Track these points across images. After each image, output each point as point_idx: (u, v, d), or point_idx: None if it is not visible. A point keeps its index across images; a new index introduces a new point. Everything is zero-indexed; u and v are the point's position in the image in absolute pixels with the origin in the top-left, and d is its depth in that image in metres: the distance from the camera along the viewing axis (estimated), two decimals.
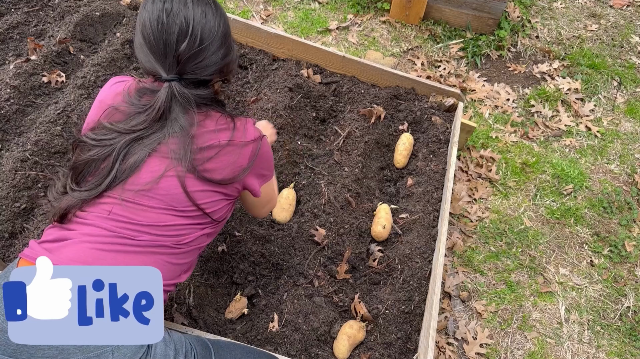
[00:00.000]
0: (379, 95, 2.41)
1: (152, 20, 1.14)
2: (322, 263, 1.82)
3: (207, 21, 1.16)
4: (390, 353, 1.66)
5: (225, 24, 1.22)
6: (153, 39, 1.14)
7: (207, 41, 1.16)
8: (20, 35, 2.43)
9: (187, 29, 1.13)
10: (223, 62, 1.22)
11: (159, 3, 1.15)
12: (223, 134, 1.20)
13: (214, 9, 1.20)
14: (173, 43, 1.13)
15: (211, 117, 1.21)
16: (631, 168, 2.62)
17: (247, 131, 1.25)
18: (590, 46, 3.22)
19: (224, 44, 1.21)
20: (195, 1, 1.17)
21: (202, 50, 1.15)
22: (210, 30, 1.16)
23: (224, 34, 1.21)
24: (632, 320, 2.08)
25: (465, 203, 2.37)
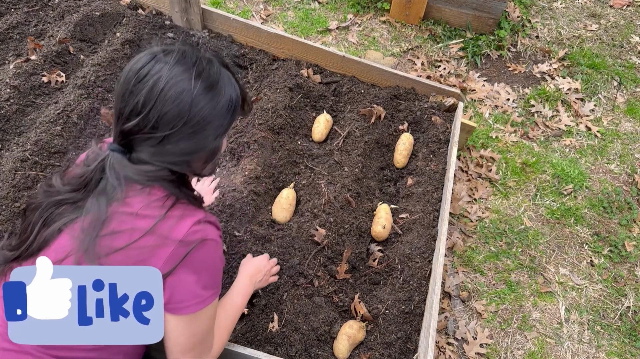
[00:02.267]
0: (379, 95, 2.41)
1: (124, 77, 1.01)
2: (322, 263, 1.82)
3: (182, 103, 0.98)
4: (390, 353, 1.66)
5: (217, 111, 1.04)
6: (116, 98, 1.02)
7: (165, 130, 0.98)
8: (20, 35, 2.43)
9: (141, 108, 0.97)
10: (186, 157, 1.03)
11: (143, 59, 1.02)
12: (143, 221, 0.98)
13: (211, 92, 1.02)
14: (123, 116, 1.00)
15: (150, 195, 1.01)
16: (631, 168, 2.62)
17: (177, 226, 1.00)
18: (590, 46, 3.21)
19: (197, 135, 1.02)
20: (190, 74, 1.00)
21: (154, 138, 0.99)
22: (179, 116, 0.98)
23: (204, 123, 1.02)
24: (632, 320, 2.08)
25: (465, 203, 2.37)
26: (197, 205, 1.10)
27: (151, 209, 1.00)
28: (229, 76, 1.10)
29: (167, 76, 0.98)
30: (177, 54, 1.02)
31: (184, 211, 1.03)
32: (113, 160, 1.00)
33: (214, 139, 1.06)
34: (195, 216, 1.04)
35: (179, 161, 1.03)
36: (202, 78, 1.01)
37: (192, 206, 1.07)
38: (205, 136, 1.03)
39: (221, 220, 1.85)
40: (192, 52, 1.05)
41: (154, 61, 1.00)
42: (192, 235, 1.01)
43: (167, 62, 1.00)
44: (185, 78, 0.99)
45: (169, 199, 1.03)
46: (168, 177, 1.03)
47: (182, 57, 1.02)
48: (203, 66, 1.03)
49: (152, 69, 0.99)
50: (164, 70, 0.99)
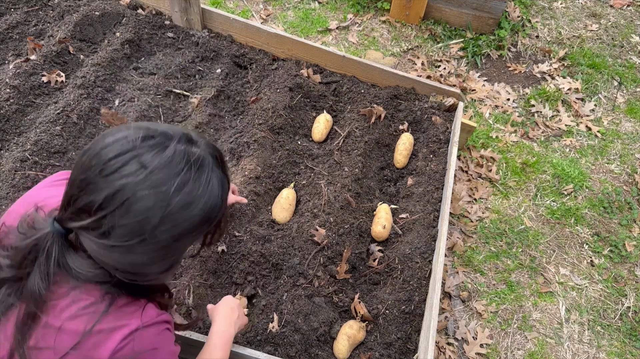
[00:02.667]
0: (379, 95, 2.41)
1: (87, 158, 0.82)
2: (322, 263, 1.81)
3: (146, 221, 0.80)
4: (390, 353, 1.66)
5: (187, 230, 0.86)
6: (72, 175, 0.84)
7: (117, 241, 0.81)
8: (19, 35, 2.42)
9: (95, 210, 0.79)
10: (136, 269, 0.86)
11: (117, 146, 0.81)
12: (67, 338, 0.84)
13: (187, 210, 0.84)
14: (71, 208, 0.82)
15: (82, 296, 0.86)
16: (631, 168, 2.62)
17: (104, 342, 0.85)
18: (591, 46, 3.21)
19: (155, 253, 0.85)
20: (169, 186, 0.81)
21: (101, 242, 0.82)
22: (137, 233, 0.81)
23: (167, 243, 0.84)
24: (633, 320, 2.08)
25: (466, 203, 2.37)
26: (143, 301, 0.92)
27: (78, 321, 0.85)
28: (218, 183, 0.90)
29: (139, 184, 0.79)
30: (162, 158, 0.82)
31: (116, 319, 0.87)
32: (49, 244, 0.83)
33: (175, 255, 0.89)
34: (127, 326, 0.87)
35: (126, 271, 0.85)
36: (182, 192, 0.82)
37: (132, 306, 0.90)
38: (165, 253, 0.86)
39: None
40: (184, 152, 0.84)
41: (129, 155, 0.80)
42: (121, 352, 0.86)
43: (146, 164, 0.80)
44: (161, 192, 0.80)
45: (103, 302, 0.86)
46: (105, 280, 0.87)
47: (167, 162, 0.82)
48: (190, 176, 0.83)
49: (123, 167, 0.79)
50: (138, 175, 0.79)
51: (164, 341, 0.94)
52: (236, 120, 2.32)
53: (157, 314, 0.94)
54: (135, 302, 0.92)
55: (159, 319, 0.94)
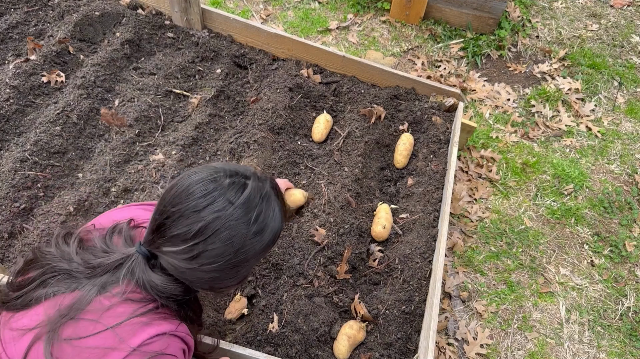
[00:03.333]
0: (379, 95, 2.41)
1: (179, 194, 0.97)
2: (322, 263, 1.81)
3: (231, 245, 0.97)
4: (391, 354, 1.66)
5: (260, 251, 1.03)
6: (160, 207, 0.99)
7: (204, 262, 0.97)
8: (19, 35, 2.42)
9: (190, 238, 0.95)
10: (212, 284, 1.03)
11: (206, 186, 0.97)
12: (110, 318, 0.96)
13: (260, 235, 1.01)
14: (165, 235, 0.97)
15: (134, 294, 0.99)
16: (632, 168, 2.62)
17: (138, 332, 0.96)
18: (591, 46, 3.21)
19: (232, 269, 1.01)
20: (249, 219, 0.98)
21: (189, 262, 0.97)
22: (223, 255, 0.98)
23: (244, 261, 1.02)
24: (633, 320, 2.08)
25: (466, 203, 2.37)
26: (178, 318, 1.06)
27: (127, 306, 0.97)
28: (279, 209, 1.08)
29: (227, 218, 0.96)
30: (244, 195, 0.99)
31: (154, 318, 1.00)
32: (135, 264, 0.99)
33: (247, 270, 1.06)
34: (163, 326, 1.00)
35: (203, 284, 1.02)
36: (258, 222, 1.00)
37: (169, 316, 1.03)
38: (239, 270, 1.03)
39: None
40: (257, 188, 1.02)
41: (217, 193, 0.97)
42: (149, 346, 0.97)
43: (232, 201, 0.97)
44: (243, 223, 0.98)
45: (150, 303, 1.00)
46: (180, 296, 1.02)
47: (247, 199, 0.99)
48: (262, 209, 1.01)
49: (214, 203, 0.96)
50: (227, 210, 0.96)
51: (181, 357, 1.05)
52: (236, 120, 2.32)
53: (187, 332, 1.07)
54: (174, 317, 1.05)
55: (186, 338, 1.06)
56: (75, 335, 0.93)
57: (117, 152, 2.06)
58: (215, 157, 2.15)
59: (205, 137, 2.20)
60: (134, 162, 2.06)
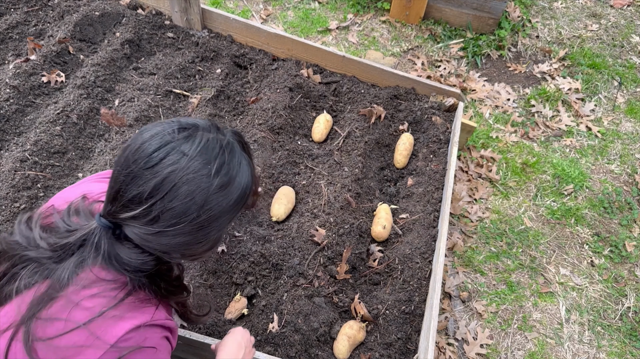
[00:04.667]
0: (379, 95, 2.41)
1: (130, 155, 0.90)
2: (322, 263, 1.81)
3: (192, 202, 0.89)
4: (391, 354, 1.66)
5: (228, 207, 0.95)
6: (115, 173, 0.91)
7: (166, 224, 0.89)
8: (19, 35, 2.42)
9: (145, 199, 0.87)
10: (182, 249, 0.94)
11: (156, 141, 0.90)
12: (81, 313, 0.89)
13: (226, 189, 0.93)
14: (120, 201, 0.89)
15: (106, 278, 0.93)
16: (632, 168, 2.62)
17: (113, 327, 0.90)
18: (591, 46, 3.21)
19: (200, 231, 0.93)
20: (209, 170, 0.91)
21: (151, 228, 0.89)
22: (185, 214, 0.89)
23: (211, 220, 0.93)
24: (633, 320, 2.08)
25: (466, 203, 2.37)
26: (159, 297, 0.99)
27: (96, 300, 0.91)
28: (247, 163, 1.00)
29: (184, 170, 0.88)
30: (199, 143, 0.91)
31: (130, 309, 0.93)
32: (98, 238, 0.91)
33: (217, 232, 0.97)
34: (137, 318, 0.93)
35: (172, 251, 0.93)
36: (220, 174, 0.92)
37: (148, 302, 0.97)
38: (209, 231, 0.95)
39: None
40: (216, 138, 0.94)
41: (169, 147, 0.89)
42: (126, 342, 0.91)
43: (186, 152, 0.89)
44: (202, 175, 0.90)
45: (124, 289, 0.93)
46: (151, 268, 0.94)
47: (204, 148, 0.91)
48: (225, 159, 0.93)
49: (166, 158, 0.88)
50: (181, 162, 0.88)
51: (163, 346, 1.00)
52: (236, 120, 2.32)
53: (165, 317, 1.00)
54: (151, 300, 0.98)
55: (166, 324, 1.00)
56: (48, 334, 0.88)
57: (118, 152, 2.06)
58: None
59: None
60: None
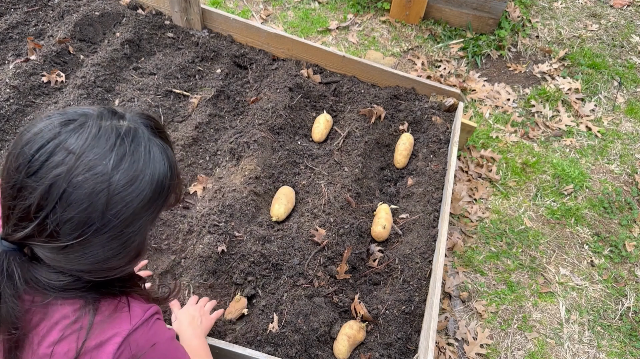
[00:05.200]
0: (379, 95, 2.41)
1: (12, 161, 0.75)
2: (322, 263, 1.81)
3: (92, 207, 0.74)
4: (391, 354, 1.66)
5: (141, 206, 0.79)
6: (3, 189, 0.77)
7: (69, 239, 0.75)
8: (19, 35, 2.42)
9: (34, 213, 0.73)
10: (100, 265, 0.80)
11: (39, 138, 0.74)
12: (64, 344, 0.79)
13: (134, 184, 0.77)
14: (12, 218, 0.75)
15: (61, 313, 0.80)
16: (632, 168, 2.62)
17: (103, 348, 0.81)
18: (591, 46, 3.21)
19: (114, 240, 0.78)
20: (106, 163, 0.75)
21: (54, 246, 0.76)
22: (87, 224, 0.75)
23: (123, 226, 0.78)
24: (633, 320, 2.08)
25: (466, 203, 2.37)
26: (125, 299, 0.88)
27: (66, 342, 0.79)
28: (160, 150, 0.83)
29: (72, 171, 0.72)
30: (88, 135, 0.74)
31: (105, 330, 0.82)
32: (6, 264, 0.76)
33: (137, 238, 0.82)
34: (119, 333, 0.83)
35: (89, 269, 0.79)
36: (121, 168, 0.75)
37: (117, 311, 0.85)
38: (125, 239, 0.79)
39: (221, 220, 1.84)
40: (111, 126, 0.77)
41: (52, 145, 0.73)
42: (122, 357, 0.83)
43: (73, 149, 0.73)
44: (97, 174, 0.73)
45: (86, 315, 0.81)
46: (78, 287, 0.81)
47: (95, 140, 0.74)
48: (125, 149, 0.76)
49: (49, 159, 0.72)
50: (68, 162, 0.72)
51: (158, 334, 0.91)
52: (236, 120, 2.32)
53: (143, 311, 0.89)
54: (118, 304, 0.86)
55: (147, 315, 0.89)
56: None
57: None
58: (215, 157, 2.15)
59: (205, 137, 2.20)
60: None
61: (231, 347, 1.48)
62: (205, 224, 1.83)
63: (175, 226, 1.88)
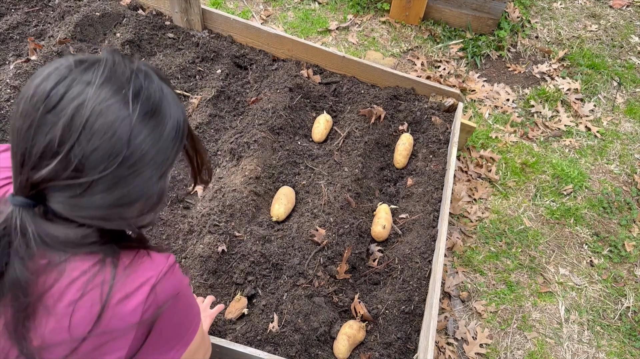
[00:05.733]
0: (379, 95, 2.42)
1: (25, 104, 0.74)
2: (322, 263, 1.82)
3: (116, 136, 0.72)
4: (390, 353, 1.66)
5: (162, 143, 0.78)
6: (14, 134, 0.75)
7: (94, 174, 0.72)
8: (20, 36, 2.43)
9: (58, 147, 0.70)
10: (120, 210, 0.77)
11: (53, 77, 0.73)
12: (80, 319, 0.76)
13: (153, 119, 0.77)
14: (31, 160, 0.72)
15: (79, 269, 0.77)
16: (631, 168, 2.62)
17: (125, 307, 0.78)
18: (590, 46, 3.22)
19: (137, 178, 0.77)
20: (124, 96, 0.74)
21: (77, 185, 0.72)
22: (112, 154, 0.72)
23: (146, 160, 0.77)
24: (632, 320, 2.08)
25: (465, 203, 2.37)
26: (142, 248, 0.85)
27: (89, 297, 0.76)
28: (172, 94, 0.83)
29: (93, 100, 0.71)
30: (103, 67, 0.74)
31: (130, 281, 0.79)
32: (20, 220, 0.72)
33: (158, 180, 0.80)
34: (149, 280, 0.81)
35: (110, 215, 0.76)
36: (140, 100, 0.75)
37: (137, 260, 0.82)
38: (146, 178, 0.77)
39: (221, 220, 1.85)
40: (123, 62, 0.77)
41: (69, 79, 0.72)
42: (148, 311, 0.80)
43: (90, 80, 0.72)
44: (118, 101, 0.73)
45: (106, 268, 0.78)
46: (96, 240, 0.78)
47: (111, 73, 0.74)
48: (140, 83, 0.76)
49: (68, 91, 0.71)
50: (88, 92, 0.71)
51: (180, 282, 0.88)
52: (236, 120, 2.32)
53: (165, 257, 0.87)
54: (137, 254, 0.83)
55: (171, 261, 0.87)
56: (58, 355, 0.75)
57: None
58: (215, 157, 2.16)
59: (205, 137, 2.21)
60: None
61: (231, 346, 1.48)
62: (206, 224, 1.84)
63: (175, 226, 1.89)
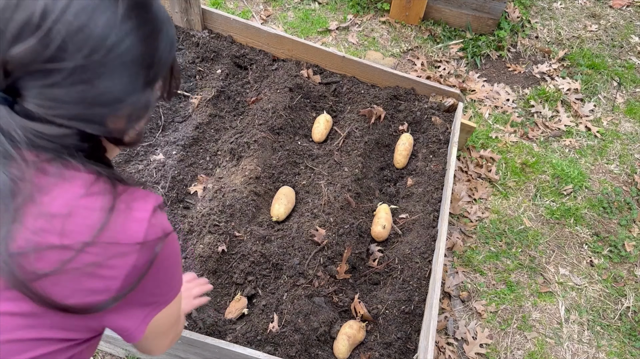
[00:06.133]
0: (379, 95, 2.42)
1: None
2: (322, 263, 1.82)
3: (101, 19, 0.64)
4: (390, 353, 1.66)
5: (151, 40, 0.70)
6: None
7: (77, 58, 0.63)
8: None
9: (39, 20, 0.62)
10: (102, 110, 0.68)
11: None
12: (82, 220, 0.68)
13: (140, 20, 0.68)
14: (6, 37, 0.63)
15: (70, 180, 0.68)
16: (631, 168, 2.62)
17: (129, 222, 0.70)
18: (590, 46, 3.22)
19: (123, 73, 0.67)
20: None
21: (55, 72, 0.63)
22: (99, 38, 0.64)
23: (134, 55, 0.67)
24: (632, 320, 2.08)
25: (465, 203, 2.37)
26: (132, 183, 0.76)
27: (93, 199, 0.68)
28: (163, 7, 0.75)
29: None
30: None
31: (128, 198, 0.72)
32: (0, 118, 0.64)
33: (144, 87, 0.71)
34: (148, 201, 0.74)
35: (90, 115, 0.67)
36: None
37: (130, 187, 0.74)
38: (131, 78, 0.68)
39: (221, 220, 1.85)
40: None
41: None
42: (154, 230, 0.73)
43: None
44: None
45: (105, 182, 0.70)
46: (77, 143, 0.68)
47: None
48: None
49: None
50: None
51: (169, 226, 0.80)
52: (236, 120, 2.32)
53: (155, 195, 0.79)
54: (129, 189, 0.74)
55: (161, 199, 0.79)
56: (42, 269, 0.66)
57: None
58: (215, 157, 2.16)
59: (205, 137, 2.21)
60: (135, 162, 2.07)
61: (231, 347, 1.48)
62: (206, 224, 1.84)
63: (175, 226, 1.89)
